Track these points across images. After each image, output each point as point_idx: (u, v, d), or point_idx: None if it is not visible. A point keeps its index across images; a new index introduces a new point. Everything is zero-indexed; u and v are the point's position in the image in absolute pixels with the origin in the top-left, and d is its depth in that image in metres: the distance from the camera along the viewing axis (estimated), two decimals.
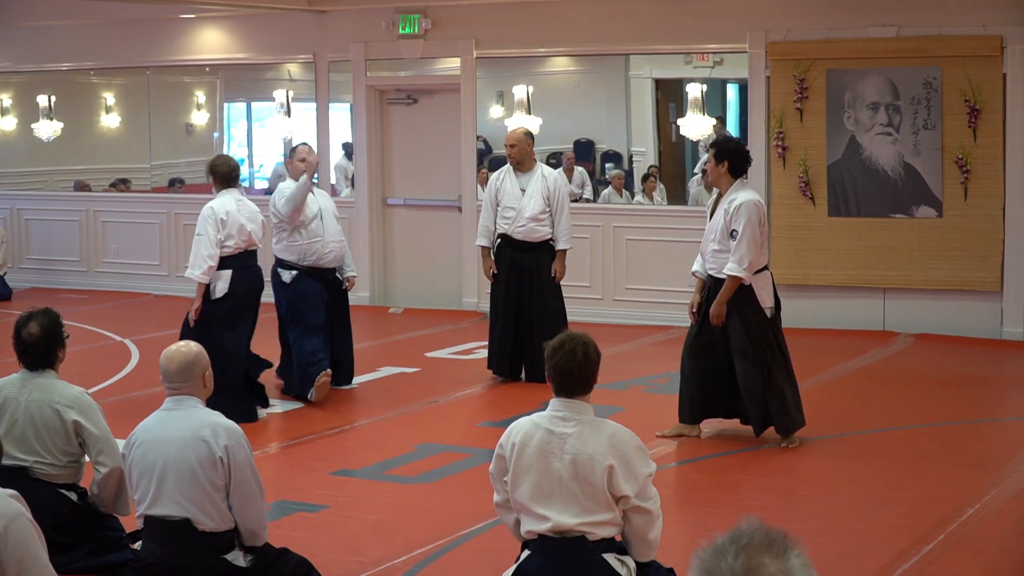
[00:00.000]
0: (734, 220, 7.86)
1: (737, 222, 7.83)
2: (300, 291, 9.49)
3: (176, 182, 15.70)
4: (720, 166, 7.99)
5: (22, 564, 3.96)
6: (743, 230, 7.81)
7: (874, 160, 11.80)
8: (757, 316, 8.04)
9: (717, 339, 8.11)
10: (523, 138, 9.98)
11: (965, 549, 6.24)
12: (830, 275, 12.03)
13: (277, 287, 9.61)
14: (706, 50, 13.10)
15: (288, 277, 9.53)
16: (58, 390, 5.80)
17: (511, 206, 9.94)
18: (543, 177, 9.93)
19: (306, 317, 9.44)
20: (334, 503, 7.09)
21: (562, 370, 4.84)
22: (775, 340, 8.12)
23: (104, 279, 15.36)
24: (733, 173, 8.01)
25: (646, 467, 4.83)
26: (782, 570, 2.19)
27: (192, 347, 5.30)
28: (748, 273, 7.89)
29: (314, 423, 8.81)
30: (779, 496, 7.20)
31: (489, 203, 10.08)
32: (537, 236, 9.95)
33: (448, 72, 13.60)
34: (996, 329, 11.57)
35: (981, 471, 7.55)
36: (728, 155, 7.97)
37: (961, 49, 11.43)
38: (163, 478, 5.12)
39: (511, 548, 5.25)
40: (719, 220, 7.98)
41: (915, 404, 9.35)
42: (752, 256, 7.87)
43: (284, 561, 5.34)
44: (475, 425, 8.95)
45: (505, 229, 9.98)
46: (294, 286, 9.51)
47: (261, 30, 14.41)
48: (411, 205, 13.99)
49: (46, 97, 15.76)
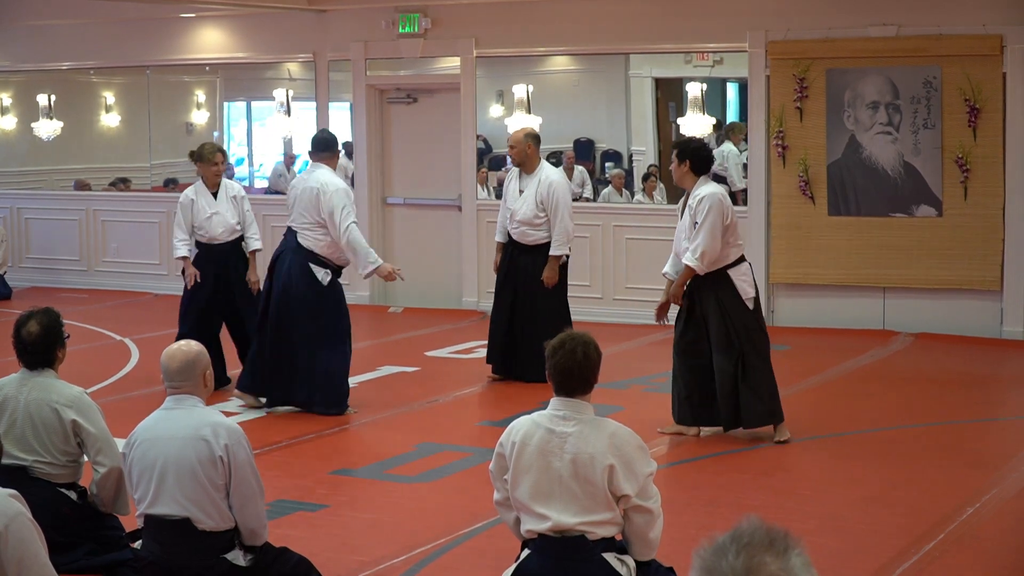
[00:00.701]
0: (697, 213, 8.03)
1: (699, 214, 8.00)
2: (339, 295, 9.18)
3: (171, 182, 15.71)
4: (683, 165, 8.20)
5: (22, 563, 3.96)
6: (703, 220, 7.98)
7: (874, 159, 11.80)
8: (738, 308, 8.12)
9: (702, 336, 8.19)
10: (522, 140, 9.92)
11: (965, 548, 6.24)
12: (830, 274, 12.03)
13: (305, 284, 8.99)
14: (706, 49, 13.11)
15: (325, 277, 9.05)
16: (57, 389, 5.80)
17: (510, 207, 9.95)
18: (540, 181, 9.85)
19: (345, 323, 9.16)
20: (334, 502, 7.09)
21: (562, 369, 4.84)
22: (755, 333, 8.18)
23: (104, 278, 15.36)
24: (696, 171, 8.19)
25: (647, 466, 4.83)
26: (783, 569, 2.19)
27: (193, 346, 5.30)
28: (702, 264, 8.03)
29: (314, 422, 8.81)
30: (779, 495, 7.20)
31: (503, 199, 10.13)
32: (531, 240, 9.91)
33: (448, 71, 13.60)
34: (996, 328, 11.57)
35: (981, 470, 7.55)
36: (689, 154, 8.16)
37: (961, 48, 11.42)
38: (163, 477, 5.11)
39: (511, 547, 5.25)
40: (687, 218, 8.19)
41: (915, 403, 9.35)
42: (708, 247, 7.99)
43: (284, 560, 5.34)
44: (475, 424, 8.95)
45: (507, 228, 10.02)
46: (331, 289, 9.10)
47: (261, 29, 14.41)
48: (411, 204, 13.99)
49: (46, 96, 15.75)
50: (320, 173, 8.99)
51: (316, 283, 8.94)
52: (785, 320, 12.26)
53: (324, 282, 8.96)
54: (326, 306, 8.98)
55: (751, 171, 12.37)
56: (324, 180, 8.92)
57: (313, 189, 8.91)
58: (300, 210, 9.00)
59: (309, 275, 8.94)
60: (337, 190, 8.89)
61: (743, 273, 8.19)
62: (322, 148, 9.14)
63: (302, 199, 8.99)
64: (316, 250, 8.96)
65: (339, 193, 8.88)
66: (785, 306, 12.32)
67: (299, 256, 8.97)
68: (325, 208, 8.85)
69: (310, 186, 8.95)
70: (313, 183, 8.94)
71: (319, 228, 8.92)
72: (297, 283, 8.94)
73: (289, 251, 9.04)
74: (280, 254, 9.13)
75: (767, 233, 12.22)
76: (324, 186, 8.88)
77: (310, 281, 8.93)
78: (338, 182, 9.01)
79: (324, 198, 8.85)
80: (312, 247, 8.96)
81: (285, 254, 9.07)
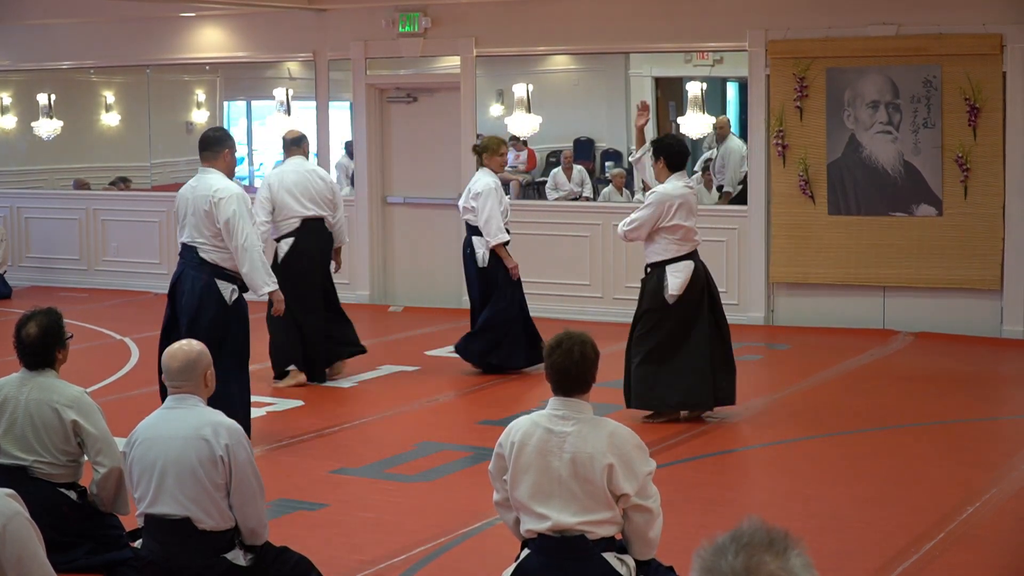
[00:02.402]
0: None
1: (647, 199, 8.56)
2: None
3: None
4: (659, 162, 8.60)
5: (20, 563, 3.96)
6: (642, 208, 8.52)
7: (874, 159, 11.79)
8: (657, 301, 8.55)
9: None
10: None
11: (965, 547, 6.24)
12: (830, 273, 12.03)
13: (209, 300, 8.00)
14: (706, 48, 13.11)
15: (232, 295, 8.08)
16: (57, 389, 5.80)
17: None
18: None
19: None
20: (334, 501, 7.10)
21: (559, 369, 4.84)
22: (662, 327, 8.57)
23: (104, 277, 15.36)
24: (671, 167, 8.59)
25: (646, 465, 4.83)
26: (782, 568, 2.19)
27: (195, 346, 5.30)
28: (626, 232, 8.60)
29: (314, 421, 8.81)
30: (779, 495, 7.20)
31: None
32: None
33: (448, 70, 13.60)
34: (996, 327, 11.57)
35: (981, 469, 7.55)
36: (663, 150, 8.59)
37: (961, 48, 11.42)
38: (163, 477, 5.11)
39: (511, 547, 5.25)
40: None
41: (915, 402, 9.35)
42: (637, 227, 8.50)
43: (284, 560, 5.34)
44: (475, 424, 8.95)
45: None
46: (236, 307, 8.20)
47: (261, 29, 14.42)
48: (411, 203, 13.99)
49: (46, 95, 15.75)
50: (210, 178, 7.97)
51: (223, 302, 7.90)
52: (785, 319, 12.27)
53: (230, 300, 7.94)
54: (232, 328, 7.95)
55: (751, 171, 12.37)
56: (217, 186, 7.91)
57: (204, 198, 7.90)
58: (194, 223, 7.96)
59: (216, 293, 7.91)
60: (231, 196, 7.87)
61: (677, 270, 8.54)
62: (206, 147, 8.09)
63: (195, 211, 7.95)
64: (222, 264, 7.94)
65: (233, 199, 7.87)
66: (785, 305, 12.32)
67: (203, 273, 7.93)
68: (220, 218, 7.84)
69: (200, 195, 7.94)
70: (203, 191, 7.92)
71: (218, 239, 7.91)
72: (206, 305, 7.88)
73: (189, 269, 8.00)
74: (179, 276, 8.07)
75: (767, 233, 12.22)
76: (216, 193, 7.88)
77: (218, 299, 7.90)
78: (232, 187, 7.98)
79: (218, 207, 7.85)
80: (217, 261, 7.94)
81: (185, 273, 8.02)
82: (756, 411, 9.06)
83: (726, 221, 12.45)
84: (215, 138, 8.12)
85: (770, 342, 11.59)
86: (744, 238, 12.34)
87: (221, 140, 8.11)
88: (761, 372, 10.72)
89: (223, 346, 7.71)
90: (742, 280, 12.34)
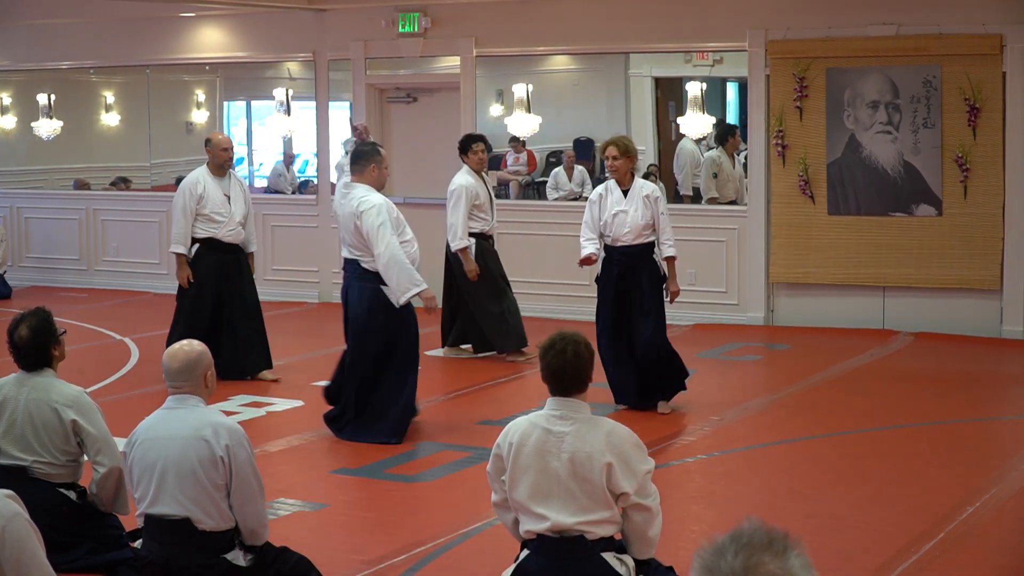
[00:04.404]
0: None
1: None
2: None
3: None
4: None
5: (20, 563, 3.96)
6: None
7: (874, 158, 11.79)
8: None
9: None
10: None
11: (965, 547, 6.25)
12: (830, 273, 12.03)
13: (378, 308, 8.26)
14: (706, 48, 13.11)
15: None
16: (56, 389, 5.80)
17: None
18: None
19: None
20: (334, 501, 7.10)
21: (554, 369, 4.84)
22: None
23: (104, 278, 15.36)
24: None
25: (644, 464, 4.83)
26: (781, 568, 2.19)
27: (195, 346, 5.29)
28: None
29: (314, 422, 8.81)
30: (779, 495, 7.20)
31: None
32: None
33: (448, 70, 13.60)
34: (996, 327, 11.57)
35: (981, 469, 7.55)
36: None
37: (961, 48, 11.42)
38: (163, 477, 5.11)
39: (510, 547, 5.25)
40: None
41: (915, 402, 9.35)
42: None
43: (284, 560, 5.34)
44: (475, 424, 8.95)
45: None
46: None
47: (261, 29, 14.42)
48: (411, 203, 13.97)
49: (46, 95, 15.76)
50: (353, 193, 8.23)
51: (391, 308, 8.18)
52: (785, 319, 12.27)
53: (398, 305, 8.18)
54: (401, 333, 8.28)
55: (751, 171, 12.37)
56: (357, 199, 8.15)
57: (351, 215, 8.14)
58: (348, 240, 8.24)
59: (383, 300, 8.18)
60: (369, 208, 8.09)
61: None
62: (354, 161, 8.37)
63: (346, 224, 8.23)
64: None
65: (372, 211, 8.07)
66: (785, 305, 12.32)
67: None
68: (363, 230, 8.09)
69: (347, 212, 8.19)
70: (348, 207, 8.17)
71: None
72: (375, 313, 8.19)
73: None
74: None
75: (767, 232, 12.21)
76: (358, 206, 8.11)
77: (386, 306, 8.17)
78: (371, 199, 8.13)
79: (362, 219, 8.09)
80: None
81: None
82: (756, 411, 9.07)
83: (726, 221, 12.45)
84: (361, 152, 8.37)
85: (770, 342, 11.59)
86: (744, 238, 12.33)
87: (366, 155, 8.31)
88: (761, 372, 10.73)
89: (394, 351, 8.18)
90: (742, 280, 12.34)
